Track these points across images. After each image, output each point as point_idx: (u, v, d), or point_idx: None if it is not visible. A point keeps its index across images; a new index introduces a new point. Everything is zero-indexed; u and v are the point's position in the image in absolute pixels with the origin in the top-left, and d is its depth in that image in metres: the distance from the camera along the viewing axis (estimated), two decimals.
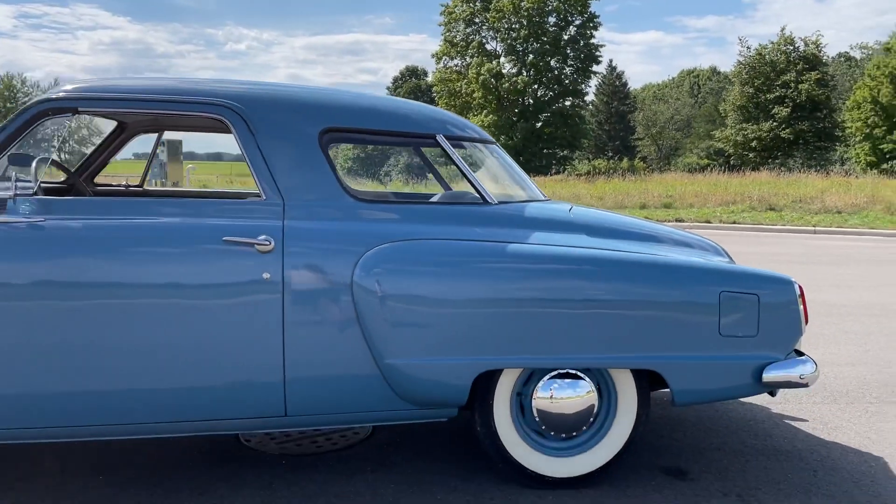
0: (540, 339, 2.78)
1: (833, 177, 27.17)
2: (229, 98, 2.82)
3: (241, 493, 2.89)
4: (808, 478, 3.11)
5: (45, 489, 2.89)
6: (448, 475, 3.08)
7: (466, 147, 3.21)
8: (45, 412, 2.62)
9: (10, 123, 2.71)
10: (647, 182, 25.51)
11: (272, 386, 2.72)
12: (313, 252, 2.73)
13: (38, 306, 2.57)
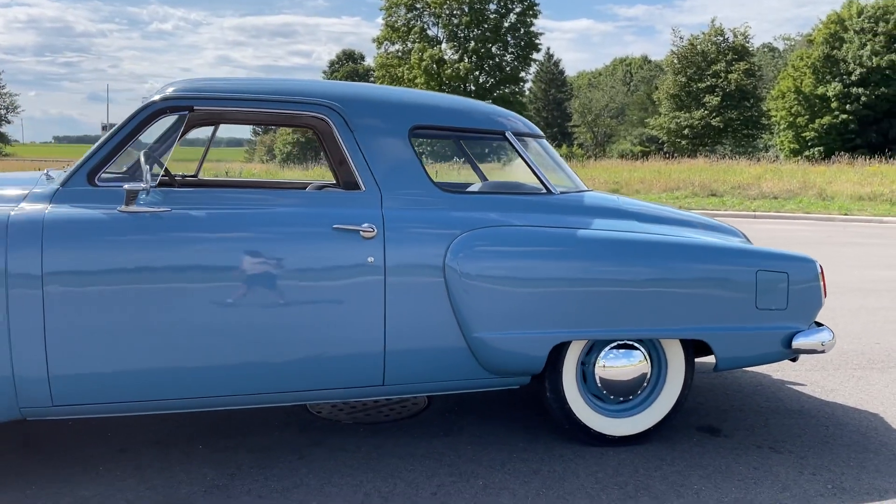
0: (605, 313, 3.15)
1: (763, 164, 28.53)
2: (331, 98, 3.09)
3: (337, 457, 3.18)
4: (823, 431, 3.58)
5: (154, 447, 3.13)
6: (514, 437, 3.43)
7: (527, 142, 3.54)
8: (177, 385, 2.87)
9: (129, 122, 2.92)
10: (592, 169, 26.28)
11: (373, 358, 3.02)
12: (410, 238, 3.03)
13: (166, 289, 2.81)
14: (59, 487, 2.87)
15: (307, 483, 2.94)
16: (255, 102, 3.08)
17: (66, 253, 2.74)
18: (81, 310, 2.75)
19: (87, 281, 2.75)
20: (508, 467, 3.11)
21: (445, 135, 3.50)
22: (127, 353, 2.80)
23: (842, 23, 44.57)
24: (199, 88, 3.03)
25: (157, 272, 2.81)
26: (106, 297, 2.77)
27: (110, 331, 2.78)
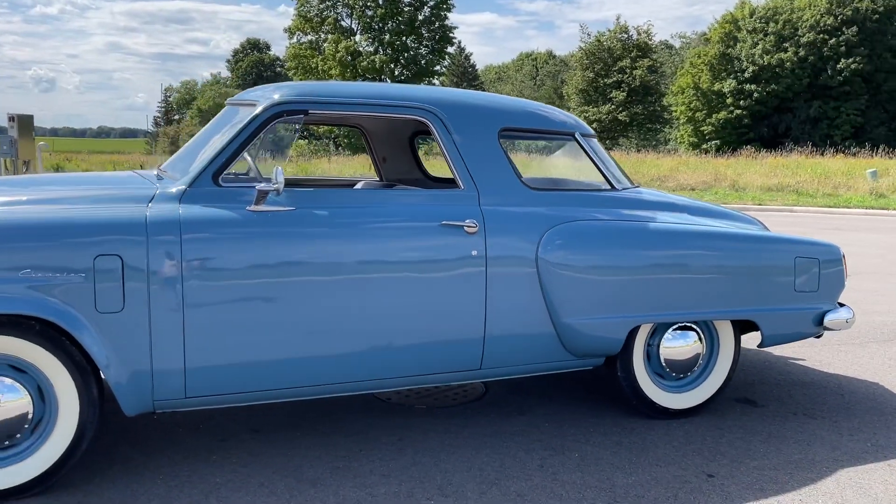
0: (673, 298, 3.51)
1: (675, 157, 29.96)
2: (430, 103, 3.31)
3: (433, 438, 3.41)
4: (841, 399, 4.07)
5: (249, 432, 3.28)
6: (581, 415, 3.75)
7: (590, 141, 3.84)
8: (301, 373, 3.04)
9: (247, 126, 3.06)
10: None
11: (474, 344, 3.27)
12: (507, 233, 3.29)
13: (294, 283, 2.98)
14: (187, 476, 3.00)
15: (421, 462, 3.17)
16: (364, 106, 3.27)
17: (202, 250, 2.87)
18: (216, 304, 2.88)
19: (222, 276, 2.89)
20: (593, 441, 3.43)
21: (527, 136, 3.75)
22: (257, 343, 2.96)
23: (735, 23, 47.09)
24: (314, 93, 3.20)
25: (286, 267, 2.97)
26: (239, 292, 2.92)
27: (242, 323, 2.93)
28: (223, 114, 3.63)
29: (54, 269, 2.69)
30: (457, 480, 3.00)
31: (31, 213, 2.77)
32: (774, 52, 44.81)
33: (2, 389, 2.72)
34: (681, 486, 2.99)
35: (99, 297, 2.74)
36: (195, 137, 3.76)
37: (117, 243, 2.76)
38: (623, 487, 2.97)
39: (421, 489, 2.92)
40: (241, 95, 3.66)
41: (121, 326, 2.78)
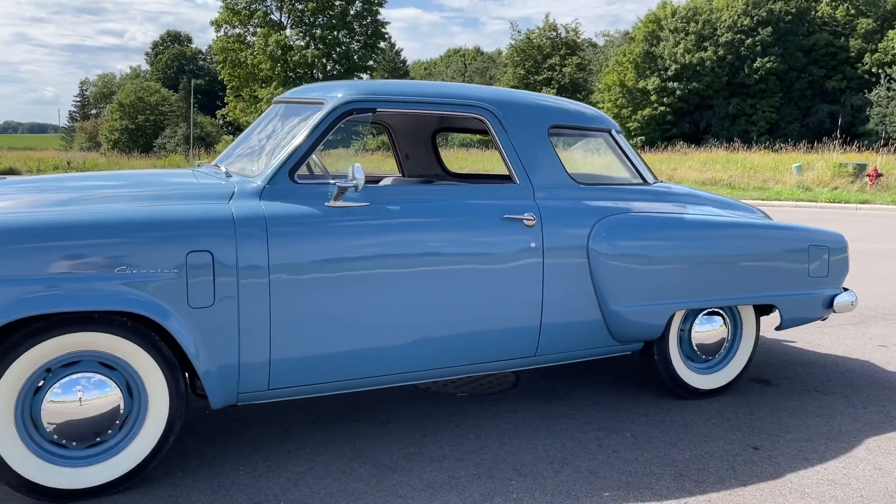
0: (707, 285, 3.75)
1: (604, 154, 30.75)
2: (488, 101, 3.45)
3: (485, 423, 3.56)
4: (841, 375, 4.40)
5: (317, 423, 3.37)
6: (617, 399, 3.96)
7: (621, 137, 4.04)
8: (377, 363, 3.15)
9: (319, 124, 3.13)
10: (452, 159, 27.11)
11: (531, 331, 3.43)
12: (561, 225, 3.46)
13: (372, 275, 3.08)
14: (267, 466, 3.06)
15: (487, 446, 3.31)
16: (428, 105, 3.38)
17: (287, 245, 2.93)
18: (300, 297, 2.96)
19: (305, 270, 2.96)
20: (638, 421, 3.64)
21: (571, 132, 3.91)
22: (337, 335, 3.05)
23: (658, 22, 48.60)
24: (382, 91, 3.29)
25: (364, 261, 3.07)
26: (320, 285, 3.00)
27: (324, 316, 3.01)
28: (274, 112, 3.68)
29: (149, 266, 2.72)
30: (528, 461, 3.16)
31: (124, 211, 2.79)
32: (695, 52, 46.45)
33: (94, 386, 2.73)
34: (733, 458, 3.23)
35: (191, 292, 2.78)
36: (245, 135, 3.80)
37: (208, 239, 2.81)
38: (683, 462, 3.18)
39: (498, 470, 3.07)
40: (296, 93, 3.72)
41: (211, 321, 2.83)
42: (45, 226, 2.64)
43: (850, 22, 48.04)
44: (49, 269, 2.59)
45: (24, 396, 2.66)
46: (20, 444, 2.66)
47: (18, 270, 2.55)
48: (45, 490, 2.69)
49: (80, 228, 2.66)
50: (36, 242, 2.60)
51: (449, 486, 2.92)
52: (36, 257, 2.59)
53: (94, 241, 2.67)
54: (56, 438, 2.71)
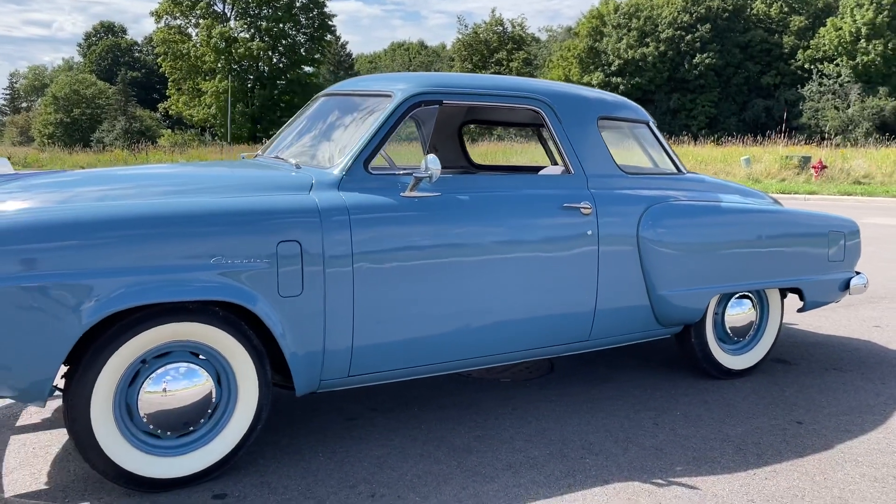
0: (744, 270, 3.95)
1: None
2: (543, 94, 3.56)
3: (535, 406, 3.69)
4: (851, 354, 4.66)
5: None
6: (656, 381, 4.13)
7: (654, 129, 4.19)
8: (450, 348, 3.23)
9: (390, 116, 3.19)
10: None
11: (586, 316, 3.56)
12: (614, 213, 3.59)
13: (446, 263, 3.16)
14: (345, 452, 3.12)
15: (550, 427, 3.43)
16: (488, 97, 3.47)
17: (368, 234, 2.99)
18: (380, 285, 3.02)
19: (385, 259, 3.03)
20: (683, 401, 3.81)
21: (615, 124, 4.03)
22: (412, 322, 3.12)
23: (601, 18, 49.47)
24: (447, 84, 3.37)
25: (438, 249, 3.15)
26: (398, 273, 3.06)
27: (401, 303, 3.08)
28: (326, 104, 3.71)
29: (243, 256, 2.75)
30: (594, 441, 3.29)
31: (219, 202, 2.81)
32: (637, 47, 47.50)
33: (188, 375, 2.75)
34: (782, 432, 3.42)
35: (281, 281, 2.82)
36: (292, 127, 3.82)
37: (297, 230, 2.85)
38: (738, 437, 3.36)
39: (568, 450, 3.19)
40: (351, 86, 3.74)
41: (299, 309, 2.87)
42: (148, 217, 2.64)
43: (784, 19, 49.74)
44: (151, 259, 2.60)
45: (121, 388, 2.66)
46: (119, 436, 2.67)
47: (121, 261, 2.56)
48: (141, 480, 2.70)
49: (180, 219, 2.68)
50: (139, 232, 2.60)
51: (528, 466, 3.03)
52: (139, 247, 2.59)
53: (193, 232, 2.69)
54: (151, 429, 2.72)
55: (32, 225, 2.49)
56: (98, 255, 2.53)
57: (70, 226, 2.52)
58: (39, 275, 2.45)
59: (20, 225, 2.48)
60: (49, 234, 2.48)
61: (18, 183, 3.12)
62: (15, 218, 2.52)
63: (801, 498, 2.82)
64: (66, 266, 2.48)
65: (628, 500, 2.76)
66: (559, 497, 2.78)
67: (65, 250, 2.49)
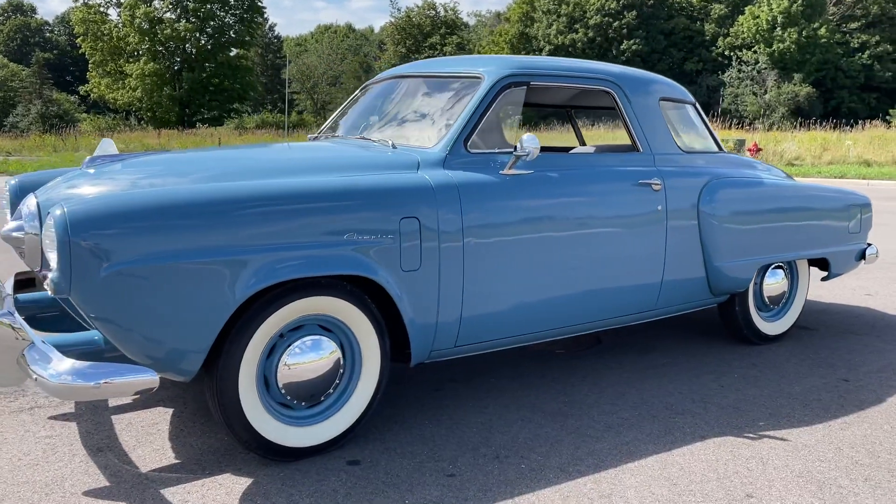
0: (783, 241, 4.25)
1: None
2: (613, 76, 3.75)
3: (605, 374, 3.90)
4: (859, 319, 5.05)
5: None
6: (701, 349, 4.39)
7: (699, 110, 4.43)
8: (546, 318, 3.40)
9: (485, 97, 3.32)
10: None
11: (654, 287, 3.78)
12: (679, 189, 3.81)
13: (540, 237, 3.32)
14: (450, 420, 3.26)
15: (627, 392, 3.64)
16: (568, 79, 3.63)
17: (476, 210, 3.12)
18: (485, 259, 3.16)
19: (490, 233, 3.16)
20: (735, 364, 4.08)
21: (671, 105, 4.22)
22: (513, 293, 3.27)
23: (532, 3, 50.05)
24: (532, 66, 3.51)
25: (534, 223, 3.30)
26: (500, 247, 3.20)
27: (503, 275, 3.22)
28: (403, 86, 3.80)
29: (372, 232, 2.84)
30: (673, 402, 3.52)
31: (349, 181, 2.89)
32: (567, 33, 48.31)
33: (320, 347, 2.84)
34: (835, 389, 3.73)
35: (403, 256, 2.93)
36: (365, 108, 3.90)
37: (416, 206, 2.96)
38: (800, 395, 3.64)
39: (655, 410, 3.41)
40: (430, 67, 3.81)
41: (417, 283, 2.98)
42: (296, 194, 2.72)
43: (705, 7, 51.45)
44: (298, 235, 2.67)
45: (261, 360, 2.73)
46: (260, 406, 2.74)
47: (273, 237, 2.62)
48: (279, 448, 2.78)
49: (323, 196, 2.77)
50: (288, 209, 2.67)
51: (626, 426, 3.23)
52: (288, 224, 2.66)
53: (334, 209, 2.77)
54: (288, 399, 2.80)
55: (191, 202, 2.53)
56: (253, 232, 2.59)
57: (228, 202, 2.57)
58: (198, 251, 2.49)
59: (179, 202, 2.52)
60: (207, 210, 2.53)
61: (133, 161, 3.11)
62: (173, 195, 2.55)
63: (879, 444, 3.11)
64: (223, 242, 2.54)
65: (731, 453, 3.00)
66: (667, 452, 2.99)
67: (222, 226, 2.54)
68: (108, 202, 2.46)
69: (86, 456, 2.87)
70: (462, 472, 2.80)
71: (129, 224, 2.42)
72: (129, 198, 2.51)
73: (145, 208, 2.46)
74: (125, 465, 2.80)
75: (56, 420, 3.21)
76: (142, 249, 2.41)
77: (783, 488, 2.72)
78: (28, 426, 3.13)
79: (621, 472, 2.82)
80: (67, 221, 2.35)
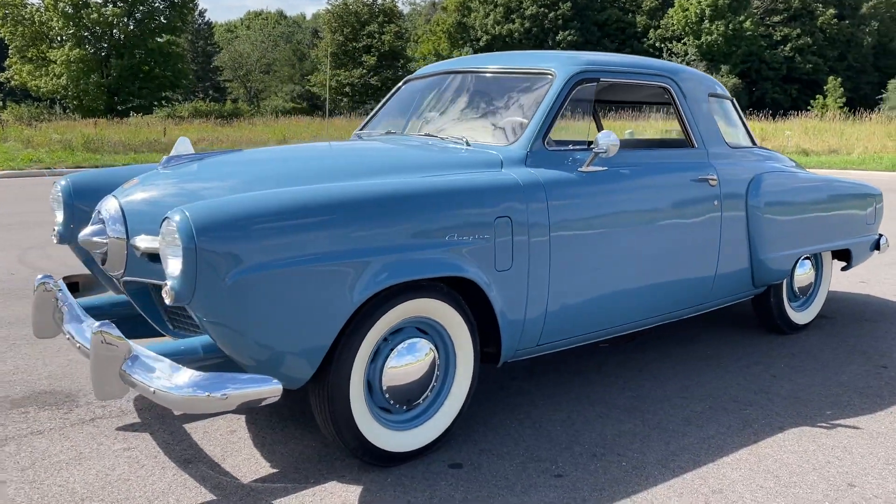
0: (816, 234, 4.37)
1: None
2: (670, 72, 3.78)
3: (657, 365, 3.94)
4: (868, 306, 5.24)
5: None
6: (739, 340, 4.48)
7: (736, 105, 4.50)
8: (626, 311, 3.44)
9: (559, 94, 3.29)
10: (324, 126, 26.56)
11: (709, 280, 3.84)
12: (731, 184, 3.87)
13: (616, 232, 3.33)
14: (528, 420, 3.24)
15: (689, 385, 3.69)
16: (632, 75, 3.63)
17: (561, 207, 3.10)
18: (569, 255, 3.15)
19: (573, 230, 3.15)
20: (773, 355, 4.18)
21: (716, 101, 4.26)
22: (594, 288, 3.28)
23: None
24: (600, 62, 3.50)
25: (611, 219, 3.31)
26: (582, 243, 3.20)
27: (585, 272, 3.22)
28: (465, 81, 3.74)
29: (471, 233, 2.80)
30: (735, 393, 3.58)
31: (453, 181, 2.84)
32: (504, 23, 48.53)
33: (419, 349, 2.78)
34: (878, 376, 3.86)
35: (497, 255, 2.89)
36: (421, 105, 3.82)
37: (508, 204, 2.92)
38: (849, 383, 3.76)
39: (722, 402, 3.46)
40: (499, 63, 3.71)
41: (509, 281, 2.95)
42: (408, 194, 2.66)
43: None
44: (400, 238, 2.61)
45: (367, 366, 2.66)
46: (367, 412, 2.67)
47: (388, 239, 2.56)
48: (384, 454, 2.72)
49: (433, 197, 2.72)
50: (402, 208, 2.61)
51: (704, 420, 3.27)
52: (403, 225, 2.60)
53: (440, 208, 2.72)
54: (390, 404, 2.73)
55: (321, 203, 2.45)
56: (375, 233, 2.52)
57: (354, 203, 2.50)
58: (324, 253, 2.41)
59: (309, 203, 2.43)
60: (336, 211, 2.44)
61: (211, 162, 2.97)
62: (302, 196, 2.46)
63: None
64: (348, 244, 2.46)
65: (814, 443, 3.07)
66: (755, 445, 3.04)
67: (349, 228, 2.46)
68: (234, 205, 2.34)
69: (176, 468, 2.74)
70: (567, 472, 2.78)
71: (259, 227, 2.31)
72: (254, 200, 2.40)
73: (274, 210, 2.36)
74: (222, 476, 2.69)
75: (125, 431, 3.06)
76: (270, 253, 2.31)
77: (879, 476, 2.80)
78: (98, 439, 2.97)
79: (720, 467, 2.85)
80: (192, 226, 2.23)
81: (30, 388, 3.50)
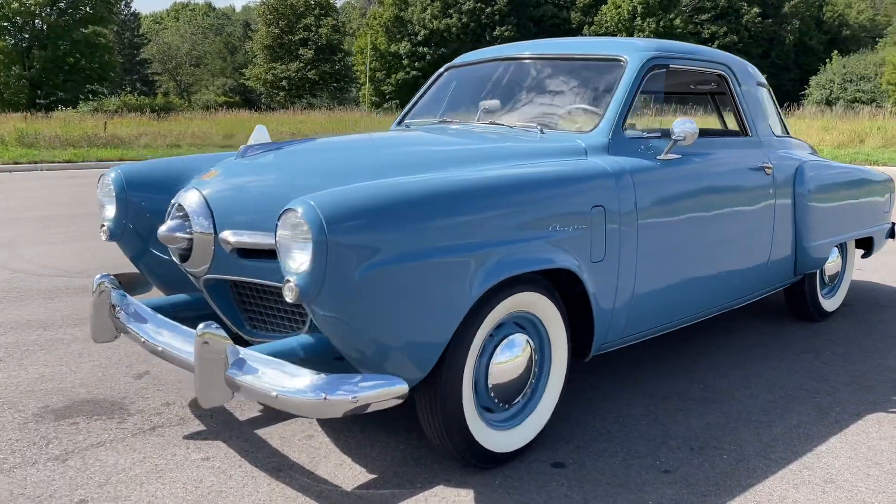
0: (852, 222, 4.43)
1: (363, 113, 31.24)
2: (727, 60, 3.74)
3: (712, 356, 3.92)
4: (877, 293, 5.34)
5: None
6: (775, 330, 4.49)
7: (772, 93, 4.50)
8: (705, 298, 3.43)
9: (634, 80, 3.21)
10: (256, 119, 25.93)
11: (763, 267, 3.83)
12: (783, 172, 3.86)
13: (693, 218, 3.27)
14: (608, 414, 3.15)
15: (751, 375, 3.67)
16: (698, 62, 3.57)
17: (646, 195, 3.02)
18: (654, 243, 3.07)
19: (655, 218, 3.07)
20: (816, 342, 4.20)
21: (759, 90, 4.23)
22: (674, 276, 3.22)
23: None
24: (668, 49, 3.43)
25: (688, 206, 3.25)
26: (665, 230, 3.12)
27: (670, 260, 3.16)
28: (526, 68, 3.62)
29: (571, 224, 2.69)
30: (800, 382, 3.57)
31: (552, 171, 2.72)
32: (441, 18, 48.41)
33: (519, 344, 2.65)
34: None
35: (592, 246, 2.78)
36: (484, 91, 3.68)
37: (602, 193, 2.82)
38: (894, 363, 3.81)
39: (789, 391, 3.45)
40: (565, 49, 3.58)
41: (602, 272, 2.85)
42: (521, 183, 2.53)
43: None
44: (513, 230, 2.49)
45: (476, 363, 2.52)
46: (475, 411, 2.53)
47: (506, 232, 2.44)
48: (490, 455, 2.59)
49: (545, 184, 2.58)
50: (520, 198, 2.49)
51: (781, 409, 3.24)
52: (521, 216, 2.49)
53: (546, 199, 2.60)
54: (495, 402, 2.60)
55: (450, 193, 2.30)
56: (497, 224, 2.40)
57: (478, 192, 2.37)
58: (451, 246, 2.26)
59: (439, 193, 2.28)
60: (464, 201, 2.30)
61: (291, 150, 2.77)
62: (430, 186, 2.31)
63: None
64: (473, 236, 2.32)
65: (893, 426, 3.08)
66: (842, 432, 3.02)
67: (475, 218, 2.33)
68: (361, 195, 2.16)
69: (268, 478, 2.54)
70: (673, 467, 2.70)
71: (389, 218, 2.14)
72: (381, 189, 2.23)
73: (403, 200, 2.19)
74: (322, 485, 2.50)
75: (195, 440, 2.83)
76: (400, 246, 2.14)
77: None
78: (169, 449, 2.74)
79: (819, 456, 2.82)
80: (321, 218, 2.04)
81: (68, 397, 3.22)
